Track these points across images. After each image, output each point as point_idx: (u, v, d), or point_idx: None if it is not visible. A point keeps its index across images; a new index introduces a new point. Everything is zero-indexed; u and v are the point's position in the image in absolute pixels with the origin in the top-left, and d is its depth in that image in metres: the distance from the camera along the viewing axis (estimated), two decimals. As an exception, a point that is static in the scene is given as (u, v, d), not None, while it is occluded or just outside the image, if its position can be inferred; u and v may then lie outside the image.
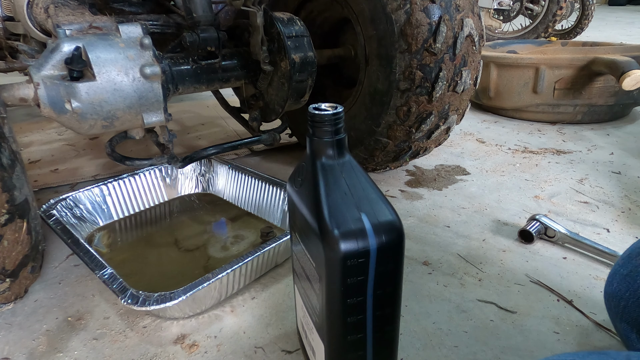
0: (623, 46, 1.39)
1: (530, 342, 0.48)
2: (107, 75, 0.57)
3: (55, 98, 0.56)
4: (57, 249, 0.68)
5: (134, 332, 0.51)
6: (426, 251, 0.66)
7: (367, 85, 0.81)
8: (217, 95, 0.93)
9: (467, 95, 0.84)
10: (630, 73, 1.06)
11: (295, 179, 0.36)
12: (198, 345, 0.49)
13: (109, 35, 0.59)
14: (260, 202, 0.75)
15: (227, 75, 0.74)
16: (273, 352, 0.47)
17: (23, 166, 0.56)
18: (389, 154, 0.87)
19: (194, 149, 1.10)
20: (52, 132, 1.27)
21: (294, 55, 0.72)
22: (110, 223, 0.74)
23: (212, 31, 0.67)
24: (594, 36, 3.40)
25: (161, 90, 0.62)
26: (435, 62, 0.74)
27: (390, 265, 0.31)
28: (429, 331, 0.50)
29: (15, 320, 0.53)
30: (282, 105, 0.77)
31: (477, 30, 0.78)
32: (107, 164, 1.01)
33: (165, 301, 0.45)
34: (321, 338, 0.35)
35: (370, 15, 0.75)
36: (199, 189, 0.85)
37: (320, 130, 0.32)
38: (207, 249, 0.66)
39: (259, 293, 0.57)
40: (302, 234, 0.34)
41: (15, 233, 0.53)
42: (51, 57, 0.56)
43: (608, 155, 1.03)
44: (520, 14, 2.99)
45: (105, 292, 0.58)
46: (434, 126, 0.83)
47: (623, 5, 7.17)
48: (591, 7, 2.88)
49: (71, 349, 0.49)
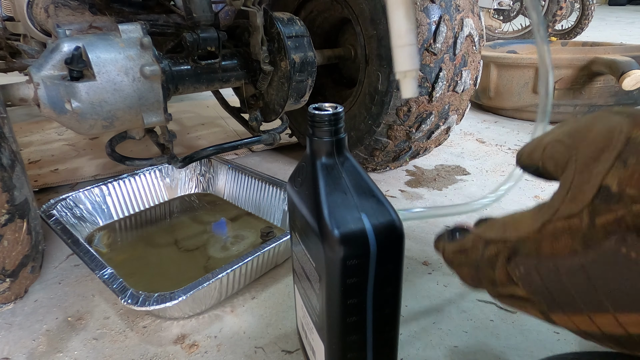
0: (623, 46, 1.39)
1: (530, 342, 0.48)
2: (107, 75, 0.57)
3: (55, 98, 0.56)
4: (57, 249, 0.68)
5: (134, 332, 0.51)
6: (426, 251, 0.66)
7: (367, 85, 0.81)
8: (217, 95, 0.93)
9: (467, 95, 0.84)
10: (630, 73, 1.06)
11: (295, 179, 0.36)
12: (198, 345, 0.49)
13: (109, 35, 0.59)
14: (260, 202, 0.75)
15: (227, 75, 0.74)
16: (273, 352, 0.47)
17: (23, 166, 0.56)
18: (389, 154, 0.87)
19: (194, 149, 1.10)
20: (52, 132, 1.27)
21: (294, 55, 0.72)
22: (110, 223, 0.74)
23: (212, 31, 0.67)
24: (594, 36, 3.40)
25: (161, 90, 0.62)
26: (435, 62, 0.74)
27: (390, 266, 0.31)
28: (429, 331, 0.50)
29: (15, 320, 0.53)
30: (282, 105, 0.77)
31: (477, 30, 0.78)
32: (107, 164, 1.01)
33: (165, 301, 0.45)
34: (321, 338, 0.35)
35: (370, 15, 0.75)
36: (199, 189, 0.85)
37: (320, 130, 0.32)
38: (207, 249, 0.66)
39: (259, 293, 0.57)
40: (302, 234, 0.34)
41: (15, 233, 0.53)
42: (51, 57, 0.56)
43: (608, 155, 1.03)
44: (520, 14, 2.99)
45: (105, 292, 0.58)
46: (434, 126, 0.83)
47: (623, 5, 7.17)
48: (591, 7, 2.88)
49: (71, 349, 0.49)
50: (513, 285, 0.20)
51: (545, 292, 0.19)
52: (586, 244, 0.17)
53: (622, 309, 0.17)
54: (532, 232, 0.19)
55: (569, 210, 0.18)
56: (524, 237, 0.19)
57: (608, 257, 0.16)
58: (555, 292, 0.18)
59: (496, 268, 0.20)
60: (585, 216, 0.17)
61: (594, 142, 0.19)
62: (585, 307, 0.18)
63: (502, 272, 0.20)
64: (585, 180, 0.18)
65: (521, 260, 0.19)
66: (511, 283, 0.20)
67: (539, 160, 0.22)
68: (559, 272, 0.18)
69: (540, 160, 0.22)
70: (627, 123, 0.18)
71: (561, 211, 0.18)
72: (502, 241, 0.20)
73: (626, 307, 0.17)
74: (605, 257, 0.16)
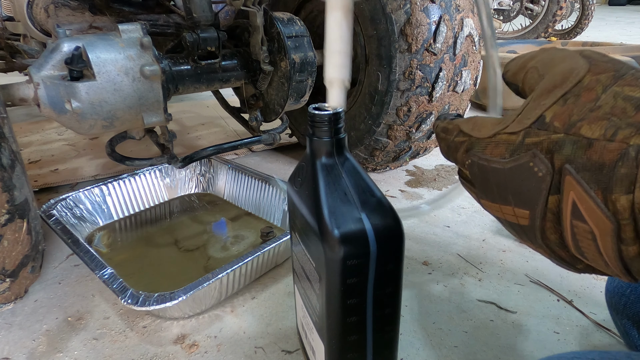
0: (623, 46, 1.39)
1: (530, 342, 0.48)
2: (107, 75, 0.57)
3: (55, 98, 0.56)
4: (57, 249, 0.68)
5: (134, 332, 0.51)
6: (426, 251, 0.66)
7: (367, 85, 0.81)
8: (217, 95, 0.93)
9: (467, 95, 0.84)
10: (630, 73, 1.06)
11: (295, 179, 0.36)
12: (198, 345, 0.49)
13: (109, 35, 0.59)
14: (260, 202, 0.75)
15: (227, 75, 0.74)
16: (273, 352, 0.47)
17: (23, 166, 0.56)
18: (389, 154, 0.87)
19: (194, 149, 1.10)
20: (52, 132, 1.27)
21: (294, 55, 0.72)
22: (110, 223, 0.74)
23: (212, 31, 0.67)
24: (594, 36, 3.40)
25: (161, 90, 0.62)
26: (435, 62, 0.74)
27: (390, 266, 0.31)
28: (429, 331, 0.50)
29: (15, 320, 0.53)
30: (282, 105, 0.77)
31: (477, 30, 0.78)
32: (107, 164, 1.01)
33: (165, 301, 0.45)
34: (321, 338, 0.35)
35: (370, 15, 0.75)
36: (199, 189, 0.85)
37: (320, 130, 0.32)
38: (207, 249, 0.66)
39: (259, 293, 0.57)
40: (302, 234, 0.34)
41: (15, 233, 0.53)
42: (51, 57, 0.56)
43: (608, 155, 1.03)
44: (520, 14, 2.99)
45: (105, 292, 0.58)
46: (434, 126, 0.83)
47: (623, 5, 7.17)
48: (591, 7, 2.88)
49: (71, 349, 0.49)
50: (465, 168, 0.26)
51: (479, 181, 0.25)
52: (511, 154, 0.22)
53: (518, 205, 0.22)
54: (486, 137, 0.24)
55: (513, 128, 0.23)
56: (480, 138, 0.25)
57: (521, 166, 0.22)
58: (484, 182, 0.24)
59: (459, 152, 0.26)
60: (520, 135, 0.22)
61: (554, 77, 0.23)
62: (498, 198, 0.24)
63: (461, 156, 0.26)
64: (533, 107, 0.23)
65: (472, 154, 0.25)
66: (464, 167, 0.26)
67: (520, 81, 0.26)
68: (488, 170, 0.23)
69: (521, 82, 0.26)
70: (584, 68, 0.22)
71: (509, 128, 0.23)
72: (467, 135, 0.26)
73: (520, 204, 0.22)
74: (519, 166, 0.22)
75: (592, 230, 0.20)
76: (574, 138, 0.20)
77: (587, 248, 0.20)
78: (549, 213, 0.21)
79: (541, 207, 0.21)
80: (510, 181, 0.22)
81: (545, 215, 0.21)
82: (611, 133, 0.19)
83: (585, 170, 0.19)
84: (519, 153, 0.22)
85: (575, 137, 0.20)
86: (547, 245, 0.22)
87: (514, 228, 0.24)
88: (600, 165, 0.19)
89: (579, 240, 0.21)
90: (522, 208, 0.22)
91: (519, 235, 0.24)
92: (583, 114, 0.21)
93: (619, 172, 0.18)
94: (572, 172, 0.20)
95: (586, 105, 0.21)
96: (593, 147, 0.20)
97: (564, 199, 0.20)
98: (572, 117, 0.21)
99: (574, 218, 0.20)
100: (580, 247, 0.21)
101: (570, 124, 0.21)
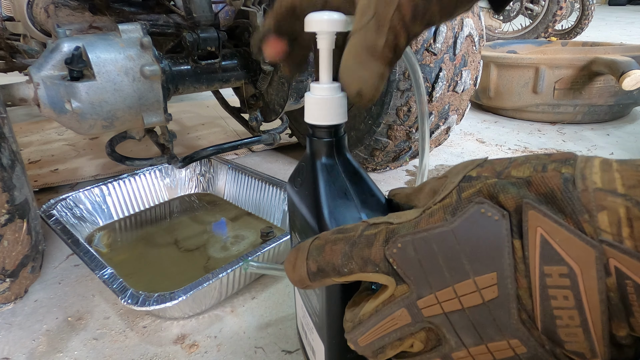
0: (623, 46, 1.39)
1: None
2: (107, 75, 0.57)
3: (55, 98, 0.56)
4: (57, 249, 0.68)
5: (134, 332, 0.51)
6: (426, 251, 0.66)
7: (367, 85, 0.81)
8: (217, 95, 0.93)
9: (467, 95, 0.84)
10: (630, 73, 1.06)
11: (295, 179, 0.36)
12: (198, 345, 0.49)
13: (109, 35, 0.59)
14: (260, 202, 0.75)
15: (227, 75, 0.74)
16: (273, 352, 0.47)
17: (23, 166, 0.56)
18: (389, 154, 0.87)
19: (194, 149, 1.10)
20: (52, 132, 1.27)
21: (294, 55, 0.72)
22: (110, 223, 0.74)
23: (212, 31, 0.67)
24: (594, 36, 3.40)
25: (161, 90, 0.62)
26: (435, 62, 0.74)
27: (390, 265, 0.31)
28: (429, 331, 0.50)
29: (15, 320, 0.53)
30: (282, 105, 0.77)
31: (477, 30, 0.78)
32: (107, 164, 1.01)
33: (165, 301, 0.45)
34: (321, 338, 0.35)
35: (370, 15, 0.75)
36: (199, 189, 0.85)
37: (320, 130, 0.32)
38: (207, 249, 0.66)
39: (259, 293, 0.57)
40: (302, 234, 0.34)
41: (15, 233, 0.53)
42: (51, 57, 0.56)
43: (608, 155, 1.03)
44: (520, 14, 2.99)
45: (105, 292, 0.58)
46: (434, 126, 0.83)
47: (623, 5, 7.18)
48: (591, 7, 2.88)
49: (71, 349, 0.49)
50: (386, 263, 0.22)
51: (416, 266, 0.21)
52: (454, 213, 0.20)
53: (479, 270, 0.19)
54: (413, 218, 0.22)
55: (443, 194, 0.22)
56: (404, 222, 0.22)
57: (471, 216, 0.20)
58: (426, 263, 0.21)
59: (373, 247, 0.22)
60: (454, 194, 0.21)
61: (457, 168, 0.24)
62: (450, 277, 0.20)
63: (377, 250, 0.22)
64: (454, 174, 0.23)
65: (399, 239, 0.21)
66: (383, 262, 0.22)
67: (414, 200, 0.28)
68: (431, 240, 0.20)
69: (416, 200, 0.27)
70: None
71: (436, 199, 0.22)
72: (384, 223, 0.23)
73: (482, 268, 0.19)
74: (469, 217, 0.20)
75: (571, 272, 0.17)
76: (510, 180, 0.20)
77: (564, 313, 0.18)
78: (519, 264, 0.19)
79: (508, 258, 0.19)
80: (463, 241, 0.20)
81: (516, 268, 0.19)
82: (540, 169, 0.20)
83: (540, 204, 0.18)
84: (462, 207, 0.20)
85: (510, 179, 0.20)
86: (530, 326, 0.19)
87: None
88: (551, 192, 0.18)
89: (553, 307, 0.18)
90: (485, 272, 0.19)
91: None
92: (504, 166, 0.21)
93: (576, 194, 0.18)
94: (535, 205, 0.18)
95: (502, 163, 0.22)
96: (533, 182, 0.19)
97: (530, 241, 0.18)
98: (497, 169, 0.21)
99: (544, 263, 0.18)
100: (553, 316, 0.18)
101: (498, 172, 0.21)
